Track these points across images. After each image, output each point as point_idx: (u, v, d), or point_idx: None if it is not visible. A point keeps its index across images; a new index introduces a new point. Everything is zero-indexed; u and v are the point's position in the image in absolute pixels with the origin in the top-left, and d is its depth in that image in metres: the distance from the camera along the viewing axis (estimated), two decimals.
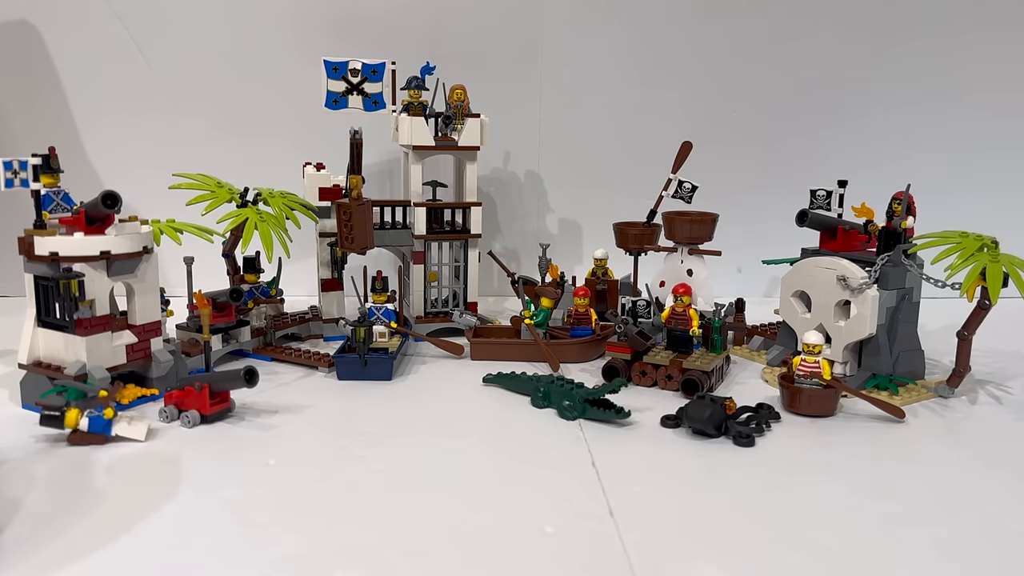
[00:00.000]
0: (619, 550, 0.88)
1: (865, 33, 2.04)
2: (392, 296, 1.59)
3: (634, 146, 2.07)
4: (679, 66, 2.05)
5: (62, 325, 1.24)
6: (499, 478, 1.05)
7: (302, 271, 1.82)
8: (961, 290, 1.28)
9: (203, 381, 1.21)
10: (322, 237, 1.70)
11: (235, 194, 1.50)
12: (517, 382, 1.37)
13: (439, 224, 1.71)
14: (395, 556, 0.86)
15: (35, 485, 1.02)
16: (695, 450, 1.15)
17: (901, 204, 1.38)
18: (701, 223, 1.64)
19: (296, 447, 1.14)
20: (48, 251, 1.20)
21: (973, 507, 0.99)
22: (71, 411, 1.11)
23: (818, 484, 1.05)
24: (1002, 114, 2.09)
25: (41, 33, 1.93)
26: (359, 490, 1.01)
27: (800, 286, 1.45)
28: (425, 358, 1.58)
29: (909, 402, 1.33)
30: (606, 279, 1.79)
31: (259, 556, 0.86)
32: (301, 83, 1.82)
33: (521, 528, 0.92)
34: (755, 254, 1.77)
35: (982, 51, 2.06)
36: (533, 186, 2.11)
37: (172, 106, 1.97)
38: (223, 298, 1.47)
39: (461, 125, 1.65)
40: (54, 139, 1.89)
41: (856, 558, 0.87)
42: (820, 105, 2.07)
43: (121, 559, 0.85)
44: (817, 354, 1.28)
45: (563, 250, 2.09)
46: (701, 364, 1.37)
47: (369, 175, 1.84)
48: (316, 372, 1.47)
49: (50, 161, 1.24)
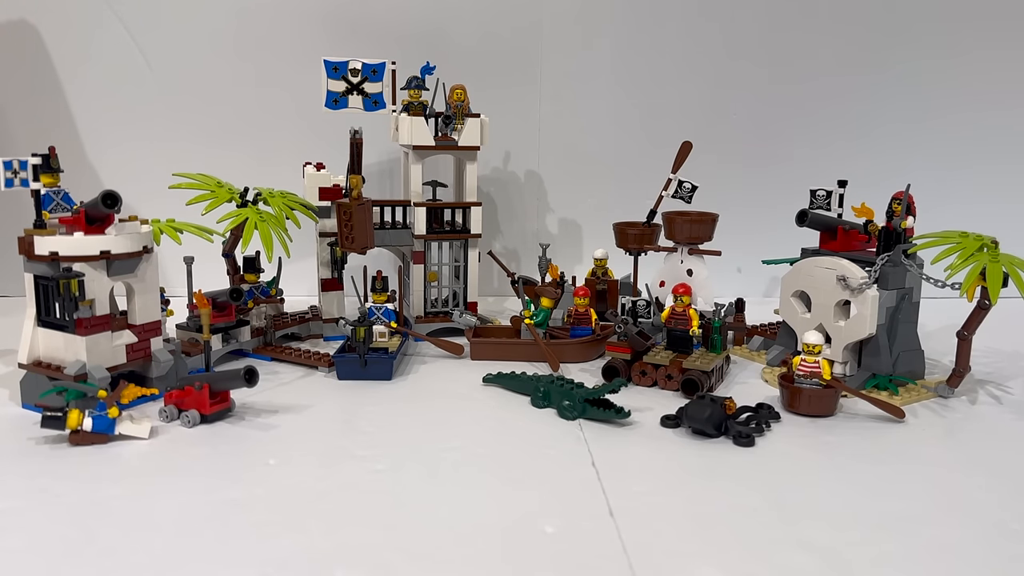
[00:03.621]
0: (619, 550, 0.88)
1: (866, 33, 2.04)
2: (392, 296, 1.59)
3: (634, 146, 2.07)
4: (679, 66, 2.05)
5: (62, 325, 1.24)
6: (499, 478, 1.05)
7: (302, 271, 1.82)
8: (961, 290, 1.28)
9: (203, 381, 1.21)
10: (322, 237, 1.70)
11: (235, 194, 1.50)
12: (517, 382, 1.37)
13: (439, 224, 1.71)
14: (395, 556, 0.86)
15: (35, 485, 1.02)
16: (695, 450, 1.15)
17: (901, 204, 1.38)
18: (701, 223, 1.64)
19: (296, 447, 1.14)
20: (48, 251, 1.20)
21: (973, 507, 0.99)
22: (73, 412, 1.11)
23: (818, 484, 1.05)
24: (1002, 114, 2.09)
25: (41, 33, 1.93)
26: (359, 490, 1.01)
27: (800, 286, 1.45)
28: (425, 358, 1.58)
29: (909, 402, 1.33)
30: (606, 279, 1.79)
31: (259, 556, 0.86)
32: (301, 83, 1.82)
33: (521, 528, 0.92)
34: (755, 254, 1.77)
35: (982, 51, 2.06)
36: (533, 186, 2.11)
37: (172, 106, 1.97)
38: (223, 298, 1.47)
39: (461, 125, 1.65)
40: (54, 139, 1.90)
41: (856, 558, 0.87)
42: (820, 105, 2.07)
43: (121, 559, 0.85)
44: (817, 354, 1.28)
45: (563, 250, 2.09)
46: (701, 364, 1.37)
47: (369, 175, 1.84)
48: (316, 372, 1.48)
49: (50, 161, 1.24)
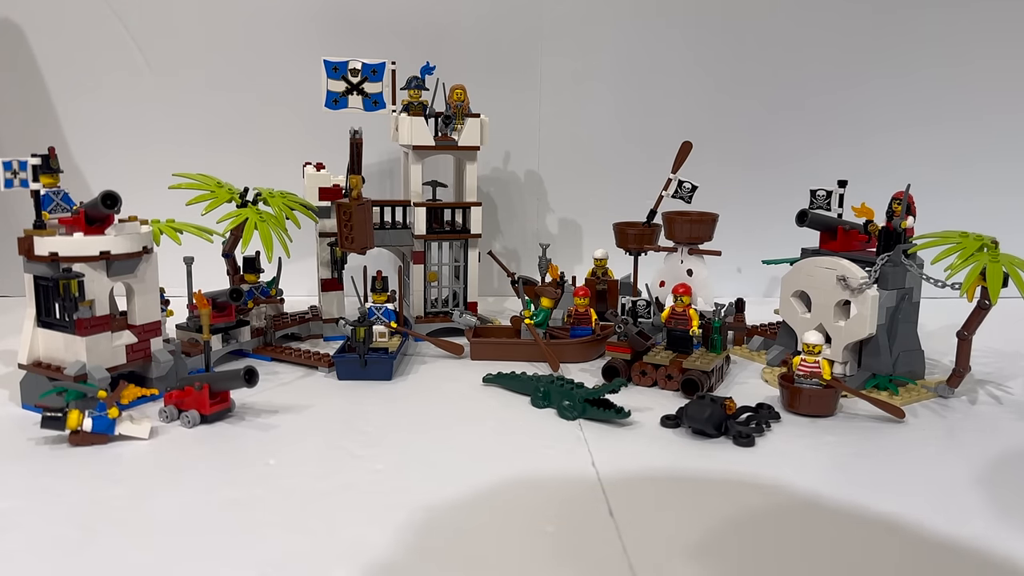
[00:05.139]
0: (619, 550, 0.88)
1: (866, 33, 2.04)
2: (392, 296, 1.59)
3: (634, 146, 2.07)
4: (679, 66, 2.05)
5: (62, 325, 1.24)
6: (499, 478, 1.05)
7: (302, 271, 1.82)
8: (961, 290, 1.28)
9: (203, 381, 1.21)
10: (322, 237, 1.70)
11: (235, 194, 1.50)
12: (517, 382, 1.37)
13: (439, 224, 1.71)
14: (395, 556, 0.86)
15: (34, 486, 1.02)
16: (695, 450, 1.14)
17: (901, 204, 1.38)
18: (701, 223, 1.64)
19: (296, 447, 1.14)
20: (48, 251, 1.20)
21: (973, 507, 0.99)
22: (73, 412, 1.11)
23: (818, 484, 1.04)
24: (1003, 113, 2.09)
25: (42, 33, 1.92)
26: (359, 490, 1.01)
27: (800, 286, 1.45)
28: (425, 358, 1.58)
29: (909, 402, 1.33)
30: (606, 279, 1.79)
31: (259, 556, 0.86)
32: (301, 83, 1.82)
33: (521, 528, 0.92)
34: (755, 254, 1.77)
35: (982, 51, 2.05)
36: (533, 186, 2.11)
37: (172, 106, 1.97)
38: (223, 298, 1.47)
39: (461, 125, 1.65)
40: (54, 139, 1.91)
41: (856, 558, 0.87)
42: (820, 105, 2.07)
43: (121, 559, 0.85)
44: (817, 354, 1.28)
45: (563, 250, 2.09)
46: (701, 364, 1.37)
47: (369, 175, 1.84)
48: (316, 372, 1.47)
49: (50, 161, 1.24)
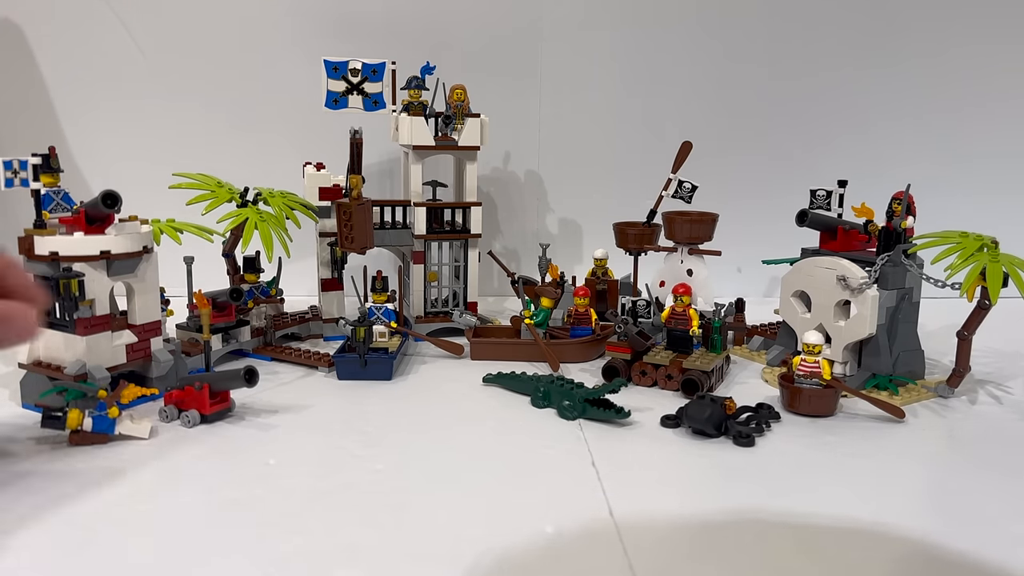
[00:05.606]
0: (619, 550, 0.88)
1: (866, 33, 2.04)
2: (392, 296, 1.60)
3: (634, 146, 2.07)
4: (679, 66, 2.05)
5: (62, 325, 1.24)
6: (499, 478, 1.05)
7: (302, 271, 1.82)
8: (961, 290, 1.28)
9: (203, 381, 1.21)
10: (322, 237, 1.70)
11: (235, 194, 1.50)
12: (517, 382, 1.37)
13: (439, 224, 1.71)
14: (395, 556, 0.86)
15: (34, 485, 1.02)
16: (695, 450, 1.14)
17: (901, 204, 1.38)
18: (701, 223, 1.64)
19: (296, 447, 1.14)
20: (48, 251, 1.20)
21: (973, 507, 0.99)
22: (73, 412, 1.11)
23: (818, 484, 1.05)
24: (1003, 113, 2.09)
25: (42, 33, 1.92)
26: (359, 490, 1.01)
27: (800, 286, 1.45)
28: (425, 358, 1.58)
29: (909, 402, 1.33)
30: (606, 279, 1.79)
31: (259, 556, 0.86)
32: (301, 83, 1.82)
33: (521, 528, 0.92)
34: (755, 254, 1.77)
35: (982, 51, 2.06)
36: (533, 186, 2.11)
37: (172, 106, 1.97)
38: (223, 298, 1.47)
39: (461, 125, 1.65)
40: (54, 139, 1.91)
41: (856, 558, 0.87)
42: (820, 105, 2.07)
43: (121, 559, 0.85)
44: (817, 354, 1.28)
45: (563, 250, 2.09)
46: (701, 364, 1.37)
47: (369, 175, 1.84)
48: (316, 372, 1.47)
49: (50, 160, 1.24)
